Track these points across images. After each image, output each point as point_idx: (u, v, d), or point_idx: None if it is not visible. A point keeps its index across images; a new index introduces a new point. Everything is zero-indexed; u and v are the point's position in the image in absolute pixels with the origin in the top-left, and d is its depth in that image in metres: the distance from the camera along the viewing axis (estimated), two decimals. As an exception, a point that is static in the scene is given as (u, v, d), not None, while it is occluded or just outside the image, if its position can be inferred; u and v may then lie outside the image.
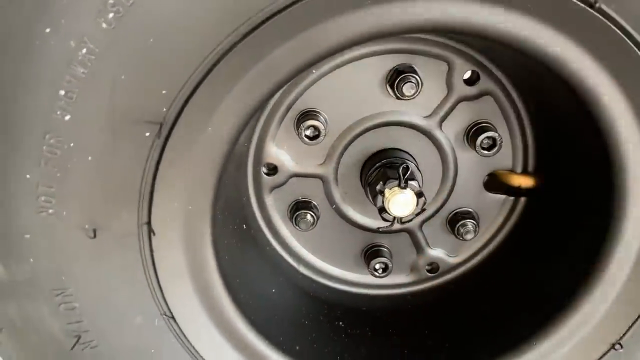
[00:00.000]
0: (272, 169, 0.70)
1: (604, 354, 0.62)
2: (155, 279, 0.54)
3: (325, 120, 0.66)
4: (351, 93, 0.66)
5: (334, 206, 0.73)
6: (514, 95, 0.67)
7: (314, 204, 0.72)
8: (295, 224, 0.71)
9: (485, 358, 0.64)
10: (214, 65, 0.45)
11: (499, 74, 0.66)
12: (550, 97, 0.65)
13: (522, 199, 0.74)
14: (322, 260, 0.76)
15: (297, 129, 0.66)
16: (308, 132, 0.66)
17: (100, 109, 0.44)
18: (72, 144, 0.45)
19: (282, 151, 0.69)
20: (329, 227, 0.74)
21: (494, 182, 0.73)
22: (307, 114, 0.66)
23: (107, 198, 0.49)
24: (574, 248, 0.66)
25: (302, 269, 0.76)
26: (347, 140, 0.68)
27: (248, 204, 0.71)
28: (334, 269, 0.77)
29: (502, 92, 0.67)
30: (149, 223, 0.51)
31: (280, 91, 0.64)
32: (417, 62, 0.64)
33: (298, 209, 0.71)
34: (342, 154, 0.69)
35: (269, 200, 0.72)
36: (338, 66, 0.64)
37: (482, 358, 0.64)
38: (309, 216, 0.71)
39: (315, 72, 0.64)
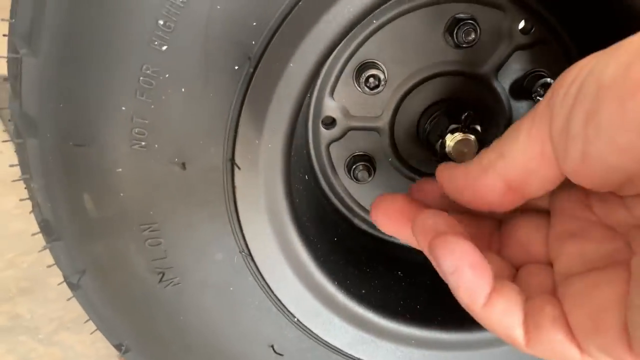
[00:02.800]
0: (330, 123, 0.72)
1: None
2: (235, 216, 0.55)
3: (385, 71, 0.68)
4: (410, 43, 0.68)
5: (390, 159, 0.74)
6: (569, 43, 0.69)
7: (371, 157, 0.74)
8: (353, 176, 0.73)
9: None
10: (301, -2, 0.47)
11: (554, 21, 0.68)
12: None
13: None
14: (378, 214, 0.78)
15: (357, 80, 0.68)
16: (369, 82, 0.67)
17: (195, 40, 0.46)
18: (167, 75, 0.47)
19: (340, 104, 0.70)
20: (385, 181, 0.76)
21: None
22: (367, 65, 0.68)
23: (197, 132, 0.50)
24: None
25: (358, 222, 0.78)
26: (404, 91, 0.70)
27: (308, 156, 0.72)
28: (388, 223, 0.79)
29: (557, 41, 0.69)
30: (232, 159, 0.53)
31: (343, 42, 0.66)
32: (475, 11, 0.66)
33: (355, 162, 0.73)
34: (399, 105, 0.71)
35: (327, 153, 0.73)
36: (397, 16, 0.66)
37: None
38: (366, 169, 0.73)
39: (375, 23, 0.66)
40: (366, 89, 0.68)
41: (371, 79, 0.67)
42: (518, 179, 0.30)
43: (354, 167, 0.73)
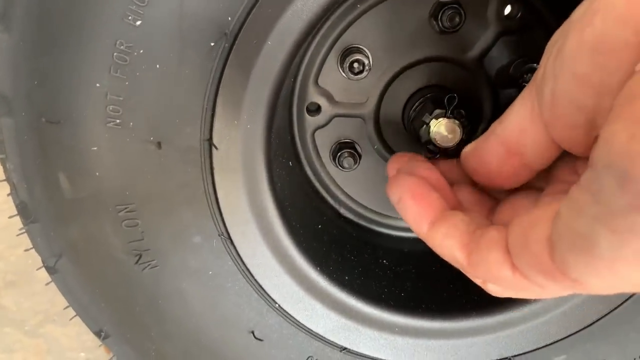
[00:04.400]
0: (315, 109, 0.71)
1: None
2: (214, 198, 0.55)
3: (369, 57, 0.67)
4: (394, 29, 0.67)
5: (375, 147, 0.74)
6: (556, 28, 0.68)
7: (356, 145, 0.73)
8: (338, 163, 0.72)
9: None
10: (278, -28, 0.47)
11: (540, 6, 0.67)
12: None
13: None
14: (363, 202, 0.77)
15: (341, 65, 0.67)
16: (353, 67, 0.67)
17: (170, 15, 0.46)
18: (141, 51, 0.46)
19: (325, 90, 0.70)
20: (371, 169, 0.75)
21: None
22: (351, 50, 0.67)
23: (173, 110, 0.50)
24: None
25: (343, 211, 0.77)
26: (389, 77, 0.69)
27: (293, 143, 0.72)
28: (374, 213, 0.78)
29: (544, 26, 0.68)
30: (210, 139, 0.52)
31: (325, 26, 0.66)
32: (460, -5, 0.66)
33: (340, 149, 0.73)
34: (384, 92, 0.70)
35: (312, 140, 0.73)
36: (381, 1, 0.66)
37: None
38: (351, 157, 0.72)
39: (359, 7, 0.65)
40: (351, 74, 0.67)
41: (355, 64, 0.67)
42: (513, 140, 0.32)
43: (339, 154, 0.72)
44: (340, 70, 0.68)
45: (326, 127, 0.72)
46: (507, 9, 0.68)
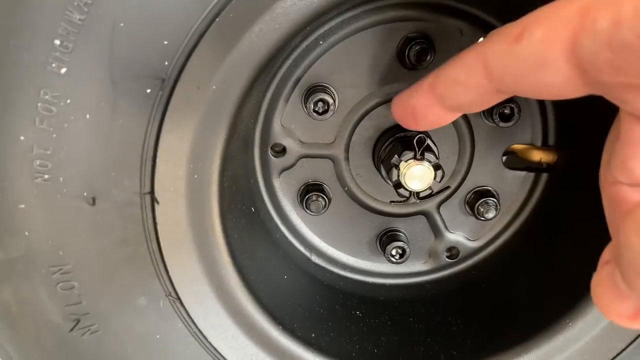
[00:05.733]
0: (281, 151, 0.67)
1: (644, 331, 0.57)
2: (159, 255, 0.50)
3: (335, 95, 0.64)
4: (360, 65, 0.63)
5: (346, 188, 0.69)
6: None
7: (325, 187, 0.69)
8: (306, 207, 0.68)
9: (518, 339, 0.59)
10: (219, 13, 0.43)
11: (513, 40, 0.64)
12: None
13: (544, 175, 0.70)
14: (335, 247, 0.72)
15: (305, 105, 0.63)
16: (317, 107, 0.63)
17: (98, 62, 0.42)
18: (68, 100, 0.42)
19: (290, 131, 0.66)
20: (341, 212, 0.70)
21: (513, 158, 0.70)
22: (315, 89, 0.63)
23: (107, 163, 0.45)
24: (602, 224, 0.63)
25: (315, 258, 0.72)
26: (358, 116, 0.65)
27: (256, 186, 0.67)
28: (348, 257, 0.73)
29: (518, 60, 0.65)
30: (152, 192, 0.48)
31: (287, 65, 0.62)
32: (429, 29, 0.62)
33: (308, 191, 0.68)
34: (352, 131, 0.66)
35: (278, 183, 0.68)
36: (345, 37, 0.62)
37: (515, 340, 0.59)
38: (320, 199, 0.68)
39: (322, 44, 0.62)
40: (315, 114, 0.63)
41: (320, 104, 0.63)
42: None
43: (306, 197, 0.68)
44: (305, 110, 0.64)
45: (292, 168, 0.68)
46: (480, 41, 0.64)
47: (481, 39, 0.63)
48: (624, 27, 0.19)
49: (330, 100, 0.62)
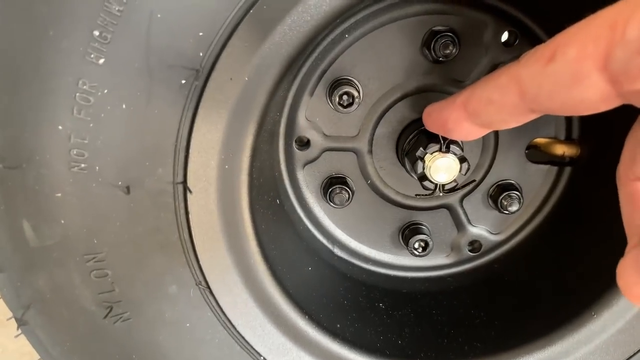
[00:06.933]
0: (305, 144, 0.68)
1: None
2: (190, 244, 0.51)
3: (359, 88, 0.64)
4: (385, 58, 0.64)
5: (369, 181, 0.70)
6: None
7: (348, 180, 0.69)
8: (329, 199, 0.68)
9: (543, 331, 0.59)
10: (253, 4, 0.43)
11: (539, 33, 0.64)
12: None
13: (567, 169, 0.70)
14: (358, 240, 0.73)
15: (330, 98, 0.64)
16: (342, 100, 0.63)
17: (135, 52, 0.42)
18: (106, 91, 0.43)
19: (314, 124, 0.66)
20: (364, 205, 0.71)
21: (536, 152, 0.70)
22: (340, 82, 0.64)
23: (142, 152, 0.46)
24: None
25: (337, 251, 0.72)
26: (382, 109, 0.66)
27: (280, 179, 0.68)
28: (370, 250, 0.73)
29: (543, 54, 0.65)
30: (184, 182, 0.48)
31: (313, 58, 0.63)
32: (454, 23, 0.62)
33: (332, 184, 0.69)
34: (376, 124, 0.67)
35: (302, 175, 0.69)
36: (371, 30, 0.62)
37: (539, 332, 0.59)
38: (343, 192, 0.68)
39: (348, 37, 0.62)
40: (340, 107, 0.63)
41: (345, 97, 0.63)
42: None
43: (330, 190, 0.68)
44: (330, 103, 0.64)
45: (316, 161, 0.68)
46: (504, 36, 0.64)
47: (505, 34, 0.63)
48: None
49: (355, 93, 0.63)
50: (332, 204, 0.69)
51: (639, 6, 0.21)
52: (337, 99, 0.63)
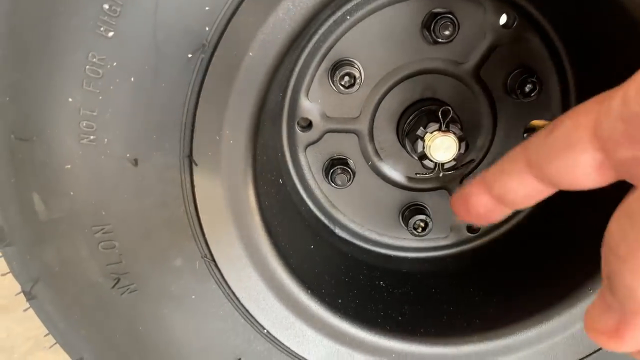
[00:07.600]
0: (307, 125, 0.69)
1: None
2: (196, 218, 0.52)
3: (361, 70, 0.65)
4: (386, 40, 0.65)
5: (370, 163, 0.71)
6: (554, 37, 0.66)
7: (349, 161, 0.70)
8: (331, 180, 0.69)
9: (540, 307, 0.60)
10: (257, -20, 0.45)
11: (537, 15, 0.65)
12: (593, 39, 0.63)
13: (565, 150, 0.71)
14: (359, 221, 0.74)
15: (332, 79, 0.65)
16: (343, 81, 0.64)
17: (144, 26, 0.44)
18: (115, 63, 0.44)
19: (316, 105, 0.67)
20: (365, 186, 0.72)
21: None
22: (342, 63, 0.65)
23: (149, 125, 0.47)
24: (623, 194, 0.64)
25: (338, 231, 0.74)
26: (383, 91, 0.67)
27: (283, 160, 0.69)
28: (370, 231, 0.75)
29: (541, 36, 0.66)
30: (190, 155, 0.50)
31: (314, 40, 0.64)
32: (453, 5, 0.63)
33: (333, 165, 0.70)
34: (377, 105, 0.68)
35: (303, 157, 0.70)
36: (372, 12, 0.64)
37: (537, 308, 0.61)
38: (344, 173, 0.69)
39: (349, 19, 0.63)
40: (341, 88, 0.65)
41: (346, 78, 0.64)
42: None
43: (332, 170, 0.69)
44: (331, 84, 0.66)
45: (318, 143, 0.70)
46: (503, 19, 0.66)
47: (504, 17, 0.64)
48: (631, 101, 0.25)
49: (357, 74, 0.64)
50: (333, 184, 0.70)
51: (623, 87, 0.25)
52: (339, 80, 0.64)
